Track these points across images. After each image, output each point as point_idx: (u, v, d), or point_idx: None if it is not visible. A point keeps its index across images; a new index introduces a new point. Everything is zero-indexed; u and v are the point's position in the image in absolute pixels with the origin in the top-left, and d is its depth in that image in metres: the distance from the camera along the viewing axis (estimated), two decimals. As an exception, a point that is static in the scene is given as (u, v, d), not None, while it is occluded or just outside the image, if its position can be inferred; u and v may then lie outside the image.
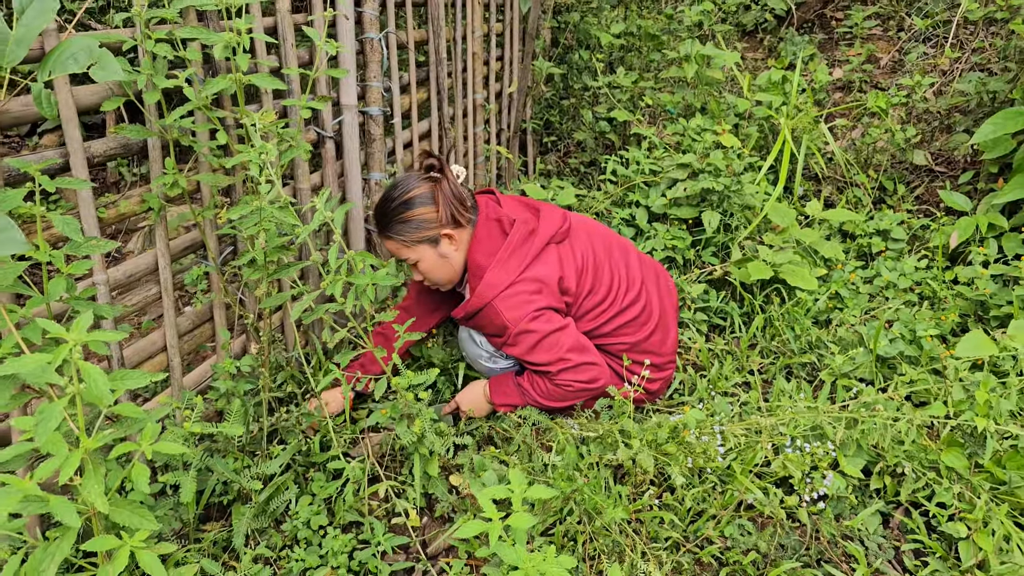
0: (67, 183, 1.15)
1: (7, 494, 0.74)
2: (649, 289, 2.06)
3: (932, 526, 1.73)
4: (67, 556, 0.81)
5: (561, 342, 1.84)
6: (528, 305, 1.82)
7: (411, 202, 1.81)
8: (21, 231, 0.73)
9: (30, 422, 0.77)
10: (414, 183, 1.83)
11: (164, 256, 1.68)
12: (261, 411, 1.85)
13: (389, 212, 1.83)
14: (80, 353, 0.76)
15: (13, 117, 1.25)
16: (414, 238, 1.83)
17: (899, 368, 2.11)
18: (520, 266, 1.84)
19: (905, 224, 2.95)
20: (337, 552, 1.61)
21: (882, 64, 4.33)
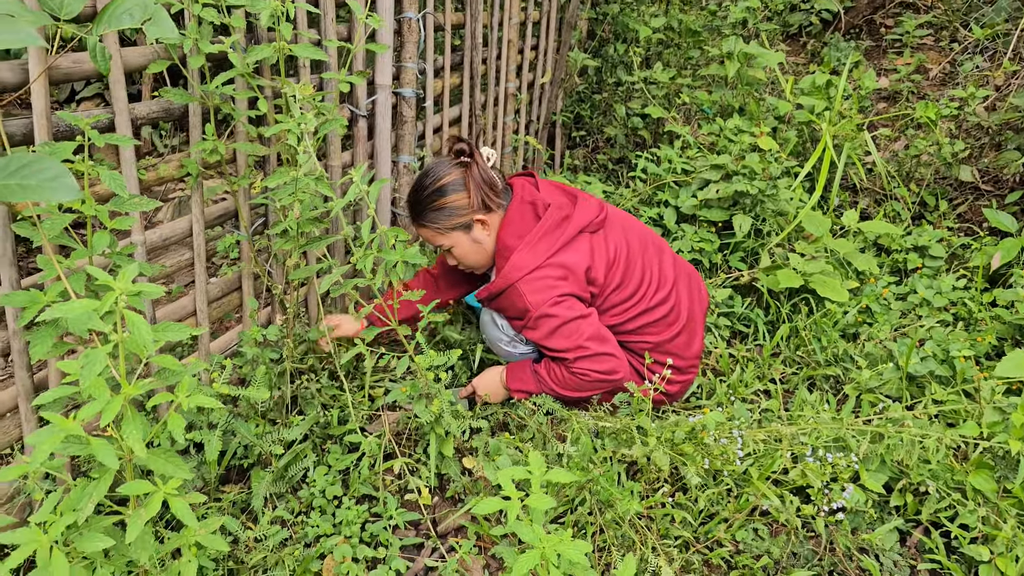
0: (113, 139, 1.17)
1: (51, 433, 0.76)
2: (680, 291, 2.04)
3: (952, 548, 1.70)
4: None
5: (581, 330, 1.84)
6: (551, 290, 1.82)
7: (443, 189, 1.83)
8: (75, 180, 0.75)
9: (75, 365, 0.79)
10: (445, 170, 1.84)
11: (199, 222, 1.71)
12: (283, 380, 1.87)
13: (422, 200, 1.85)
14: (125, 303, 0.77)
15: (63, 73, 1.28)
16: (447, 225, 1.85)
17: (929, 387, 2.07)
18: (549, 250, 1.84)
19: (945, 241, 2.89)
20: (351, 522, 1.64)
21: (932, 75, 4.24)
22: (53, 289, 1.04)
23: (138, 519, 0.81)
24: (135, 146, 1.40)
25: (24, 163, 0.75)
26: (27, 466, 0.76)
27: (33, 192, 0.73)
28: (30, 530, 0.79)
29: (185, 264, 1.75)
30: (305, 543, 1.61)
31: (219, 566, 1.48)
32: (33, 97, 1.18)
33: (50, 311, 0.78)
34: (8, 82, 1.16)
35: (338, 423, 1.91)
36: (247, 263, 1.91)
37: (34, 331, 1.12)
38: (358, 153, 2.27)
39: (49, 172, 0.74)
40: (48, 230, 1.01)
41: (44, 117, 1.20)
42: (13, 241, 1.19)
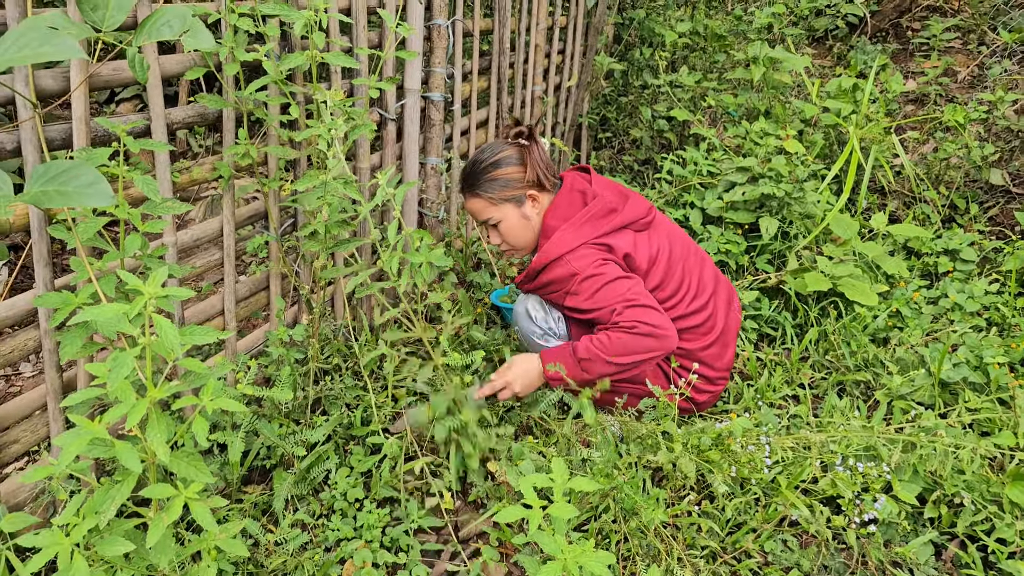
0: (148, 144, 1.18)
1: (76, 435, 0.77)
2: (718, 302, 2.01)
3: (989, 563, 1.64)
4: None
5: (627, 285, 1.79)
6: (595, 257, 1.81)
7: (500, 162, 1.87)
8: (110, 186, 0.76)
9: (103, 368, 0.80)
10: (503, 146, 1.89)
11: (229, 223, 1.72)
12: (307, 381, 1.88)
13: (479, 170, 1.88)
14: (154, 306, 0.78)
15: (103, 80, 1.29)
16: (500, 196, 1.87)
17: (962, 394, 2.02)
18: (592, 234, 1.83)
19: (976, 245, 2.83)
20: (372, 526, 1.63)
21: (960, 78, 4.16)
22: (85, 291, 1.05)
23: (159, 523, 0.81)
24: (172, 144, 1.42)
25: (62, 170, 0.76)
26: (53, 468, 0.76)
27: (70, 198, 0.73)
28: (52, 533, 0.79)
29: (215, 263, 1.76)
30: (325, 547, 1.61)
31: (239, 570, 1.48)
32: (73, 104, 1.20)
33: (81, 314, 0.79)
34: (50, 89, 1.17)
35: (361, 424, 1.91)
36: (275, 263, 1.92)
37: (65, 331, 1.13)
38: (386, 155, 2.27)
39: (85, 179, 0.74)
40: (82, 233, 1.02)
41: (83, 123, 1.21)
42: (48, 243, 1.21)
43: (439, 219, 2.58)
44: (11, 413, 1.33)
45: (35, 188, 0.75)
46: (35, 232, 1.20)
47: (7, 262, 2.55)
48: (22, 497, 1.35)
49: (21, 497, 1.35)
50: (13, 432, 1.33)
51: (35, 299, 1.10)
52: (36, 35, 0.69)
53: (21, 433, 1.34)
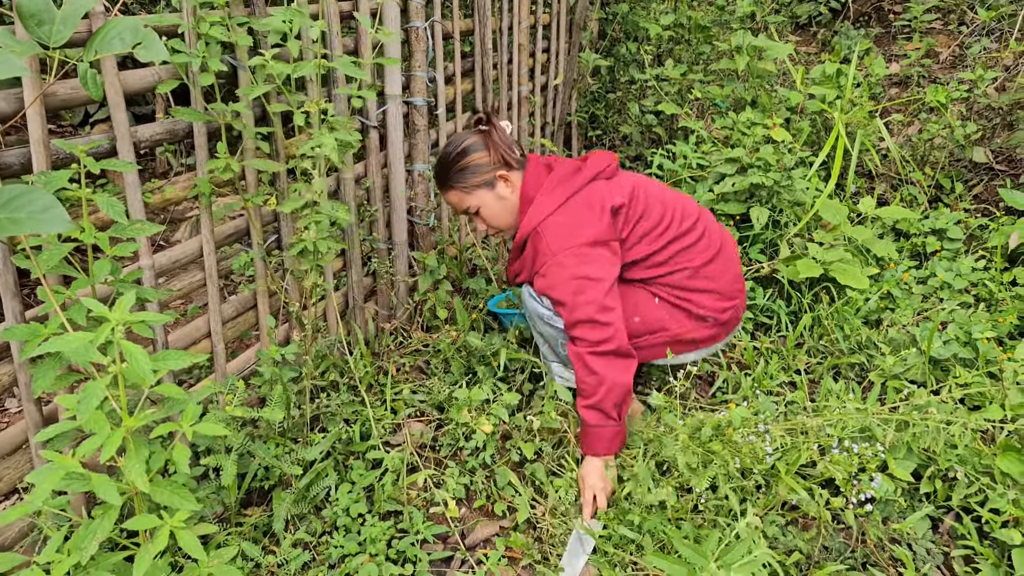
0: (113, 164, 1.16)
1: (51, 471, 0.75)
2: (708, 223, 1.99)
3: (984, 532, 1.65)
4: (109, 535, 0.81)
5: (586, 290, 1.76)
6: (572, 238, 1.80)
7: (465, 151, 1.91)
8: (65, 211, 0.73)
9: (73, 400, 0.78)
10: (465, 135, 1.94)
11: (209, 242, 1.70)
12: (303, 398, 1.86)
13: (448, 163, 1.92)
14: (123, 333, 0.76)
15: (61, 100, 1.27)
16: (472, 183, 1.91)
17: (953, 371, 2.02)
18: (566, 193, 1.85)
19: (962, 223, 2.84)
20: (376, 540, 1.61)
21: (941, 59, 4.17)
22: (55, 321, 1.03)
23: (145, 555, 0.79)
24: (151, 165, 1.40)
25: (14, 195, 0.74)
26: (27, 507, 0.74)
27: (24, 225, 0.71)
28: (32, 572, 0.77)
29: (198, 284, 1.74)
30: (329, 564, 1.59)
31: (242, 590, 1.46)
32: (30, 125, 1.18)
33: (46, 345, 0.77)
34: (2, 111, 1.15)
35: (360, 439, 1.89)
36: (262, 281, 1.90)
37: (38, 364, 1.11)
38: (371, 164, 2.25)
39: (39, 204, 0.72)
40: (46, 261, 1.00)
41: (41, 145, 1.19)
42: (15, 273, 1.19)
43: (430, 226, 2.56)
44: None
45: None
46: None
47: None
48: (9, 536, 1.33)
49: (8, 536, 1.33)
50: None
51: (3, 332, 1.08)
52: (-23, 59, 0.67)
53: (4, 471, 1.32)
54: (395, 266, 2.44)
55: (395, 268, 2.44)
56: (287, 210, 1.60)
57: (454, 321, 2.42)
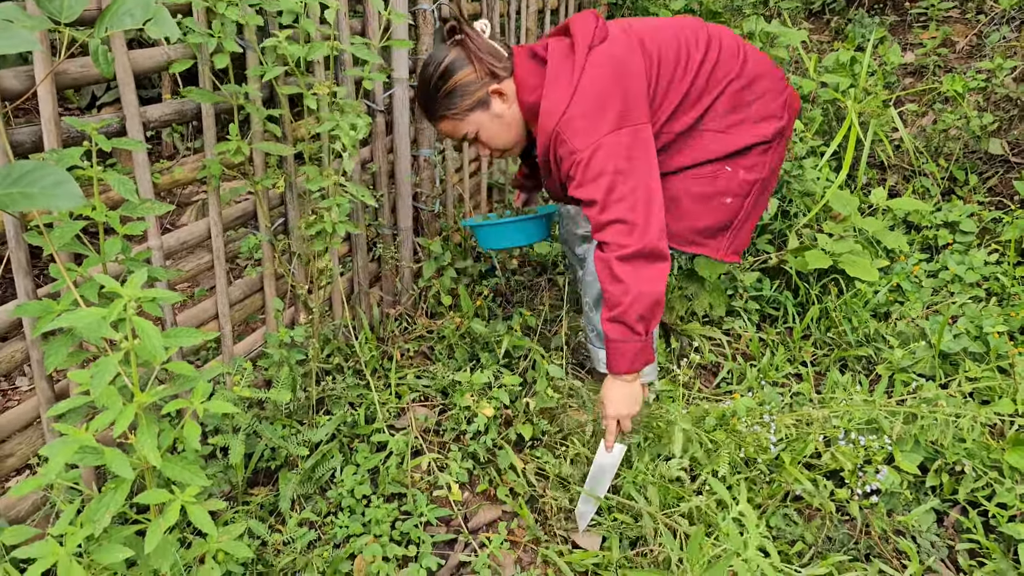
0: (122, 143, 1.17)
1: (64, 444, 0.75)
2: (742, 45, 1.77)
3: (991, 527, 1.65)
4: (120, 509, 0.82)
5: (618, 184, 1.55)
6: (595, 130, 1.56)
7: (447, 72, 1.65)
8: (78, 187, 0.74)
9: (86, 375, 0.78)
10: (442, 52, 1.67)
11: (217, 224, 1.70)
12: (309, 381, 1.87)
13: (430, 91, 1.68)
14: (135, 309, 0.76)
15: (71, 79, 1.27)
16: (464, 107, 1.67)
17: (963, 365, 2.01)
18: (570, 81, 1.60)
19: (976, 216, 2.81)
20: (380, 521, 1.63)
21: (958, 48, 4.11)
22: (67, 298, 1.04)
23: (157, 529, 0.80)
24: (157, 149, 1.40)
25: (26, 171, 0.74)
26: (41, 479, 0.75)
27: (36, 200, 0.72)
28: (47, 543, 0.78)
29: (205, 266, 1.74)
30: (334, 544, 1.61)
31: (247, 570, 1.48)
32: (40, 103, 1.18)
33: (59, 320, 0.77)
34: (15, 89, 1.15)
35: (365, 422, 1.90)
36: (269, 263, 1.90)
37: (50, 341, 1.12)
38: (377, 149, 2.25)
39: (51, 179, 0.73)
40: (58, 239, 1.00)
41: (52, 123, 1.19)
42: (27, 251, 1.20)
43: (435, 212, 2.55)
44: (5, 426, 1.32)
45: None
46: (11, 240, 1.18)
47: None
48: (22, 510, 1.35)
49: (21, 510, 1.35)
50: (8, 445, 1.33)
51: (15, 308, 1.08)
52: (-10, 32, 0.67)
53: (16, 446, 1.33)
54: (400, 252, 2.44)
55: (400, 254, 2.44)
56: (314, 187, 1.61)
57: (458, 308, 2.42)
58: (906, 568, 1.56)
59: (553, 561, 1.60)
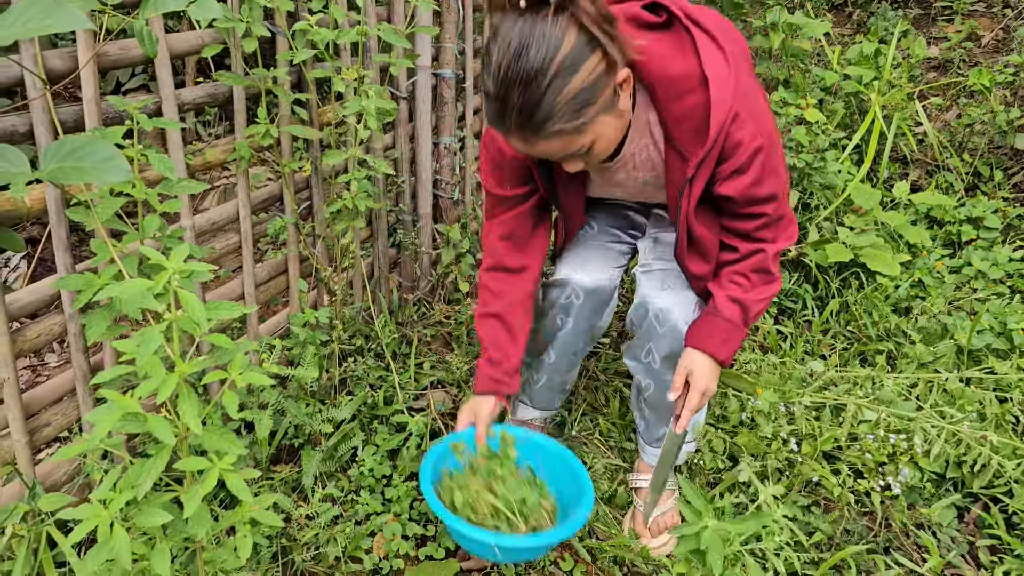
0: (161, 122, 1.19)
1: (110, 410, 0.78)
2: None
3: (1013, 524, 1.65)
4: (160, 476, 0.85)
5: (785, 176, 1.34)
6: (766, 115, 1.28)
7: (568, 64, 1.07)
8: (126, 161, 0.76)
9: (130, 344, 0.81)
10: (552, 31, 1.06)
11: (245, 206, 1.73)
12: (332, 362, 1.90)
13: (542, 95, 1.08)
14: (178, 281, 0.79)
15: (111, 60, 1.30)
16: (594, 111, 1.13)
17: (986, 361, 2.00)
18: (720, 47, 1.22)
19: (1000, 212, 2.79)
20: (400, 500, 1.66)
21: (984, 43, 4.07)
22: (107, 272, 1.06)
23: (195, 495, 0.82)
24: (181, 134, 1.43)
25: (77, 146, 0.77)
26: (87, 444, 0.78)
27: (87, 174, 0.74)
28: (91, 506, 0.81)
29: (232, 247, 1.77)
30: (355, 521, 1.64)
31: (272, 543, 1.51)
32: (83, 84, 1.21)
33: (105, 291, 0.80)
34: (58, 70, 1.18)
35: (385, 403, 1.92)
36: (294, 245, 1.93)
37: (89, 314, 1.15)
38: (399, 135, 2.27)
39: (101, 154, 0.75)
40: (102, 212, 1.03)
41: (94, 103, 1.22)
42: (68, 227, 1.22)
43: (454, 200, 2.57)
44: (41, 397, 1.35)
45: (51, 165, 0.75)
46: (53, 216, 1.21)
47: (25, 255, 2.58)
48: (57, 478, 1.38)
49: (57, 478, 1.38)
50: (44, 416, 1.36)
51: (57, 281, 1.11)
52: (39, 9, 0.69)
53: (52, 417, 1.37)
54: (419, 238, 2.46)
55: (419, 240, 2.46)
56: (330, 162, 1.63)
57: (475, 295, 2.44)
58: (925, 562, 1.57)
59: (571, 544, 1.62)
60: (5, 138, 1.15)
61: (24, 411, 1.29)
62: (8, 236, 1.79)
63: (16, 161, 0.77)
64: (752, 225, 1.35)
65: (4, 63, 1.09)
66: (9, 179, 0.76)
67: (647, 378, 1.53)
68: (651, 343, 1.47)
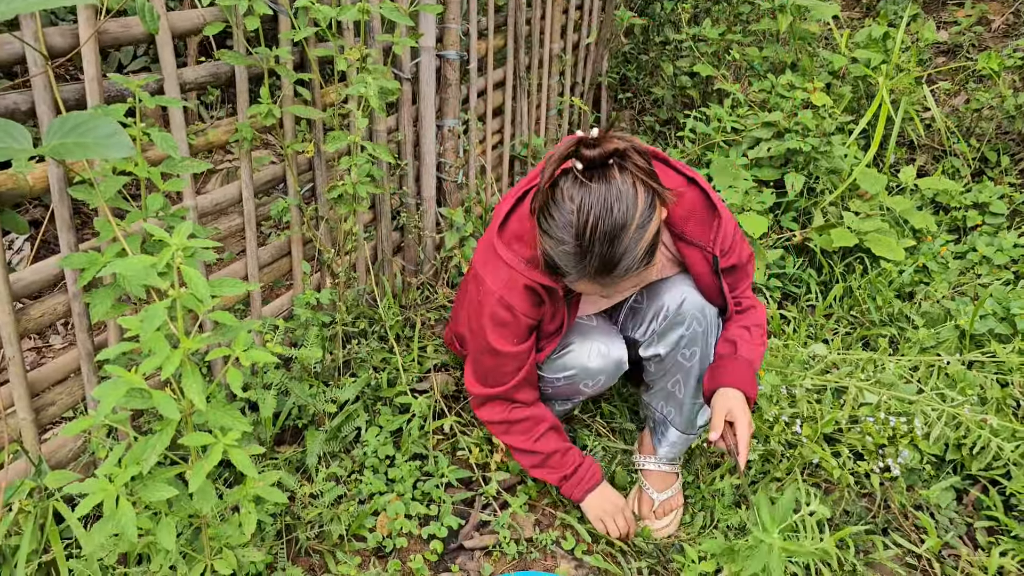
0: (163, 100, 1.19)
1: (115, 386, 0.78)
2: None
3: (1011, 505, 1.66)
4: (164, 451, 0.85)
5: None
6: None
7: (644, 221, 1.23)
8: (129, 137, 0.76)
9: (135, 321, 0.81)
10: (627, 189, 1.21)
11: (248, 187, 1.73)
12: (335, 344, 1.90)
13: (627, 249, 1.23)
14: (181, 258, 0.79)
15: (112, 38, 1.29)
16: (653, 252, 1.30)
17: (988, 346, 2.00)
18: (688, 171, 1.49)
19: (1007, 198, 2.77)
20: (403, 479, 1.67)
21: (994, 27, 4.02)
22: (110, 250, 1.06)
23: (200, 470, 0.83)
24: (183, 114, 1.42)
25: (79, 122, 0.77)
26: (93, 419, 0.78)
27: (89, 150, 0.74)
28: (97, 480, 0.82)
29: (236, 228, 1.77)
30: (359, 500, 1.65)
31: (276, 521, 1.52)
32: (84, 62, 1.20)
33: (109, 267, 0.80)
34: (59, 47, 1.17)
35: (388, 385, 1.93)
36: (297, 227, 1.93)
37: (93, 292, 1.15)
38: (402, 117, 2.26)
39: (104, 130, 0.75)
40: (103, 192, 1.03)
41: (95, 81, 1.21)
42: (70, 206, 1.22)
43: (458, 183, 2.56)
44: (46, 376, 1.36)
45: (53, 141, 0.75)
46: (55, 195, 1.21)
47: (28, 237, 2.59)
48: (63, 456, 1.40)
49: (62, 456, 1.39)
50: (49, 395, 1.37)
51: (61, 260, 1.11)
52: (45, -16, 0.69)
53: (57, 396, 1.38)
54: (423, 221, 2.46)
55: (423, 223, 2.46)
56: (331, 148, 1.62)
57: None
58: (923, 543, 1.57)
59: (572, 524, 1.64)
60: (7, 116, 1.15)
61: (29, 390, 1.30)
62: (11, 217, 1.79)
63: (19, 137, 0.77)
64: (744, 286, 1.57)
65: (6, 39, 1.09)
66: (12, 155, 0.76)
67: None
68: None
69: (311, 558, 1.53)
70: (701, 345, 1.51)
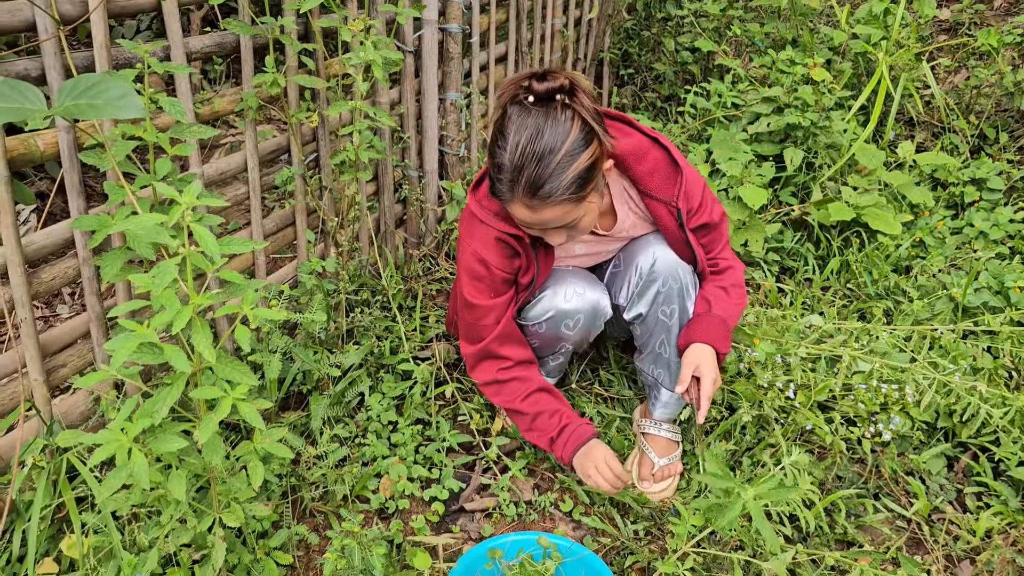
0: (171, 67, 1.21)
1: (127, 340, 0.81)
2: None
3: (1000, 471, 1.70)
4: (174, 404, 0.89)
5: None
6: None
7: (574, 150, 1.32)
8: (140, 98, 0.78)
9: (146, 278, 0.84)
10: (561, 124, 1.32)
11: (253, 156, 1.75)
12: (339, 313, 1.94)
13: (553, 172, 1.32)
14: (191, 216, 0.81)
15: (120, 7, 1.31)
16: (589, 189, 1.37)
17: (982, 320, 2.03)
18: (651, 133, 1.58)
19: (1004, 174, 2.79)
20: (405, 443, 1.71)
21: (996, 5, 4.00)
22: (120, 213, 1.09)
23: (209, 423, 0.86)
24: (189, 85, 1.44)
25: (92, 83, 0.79)
26: (105, 372, 0.81)
27: (102, 110, 0.76)
28: (110, 432, 0.85)
29: (241, 197, 1.80)
30: (362, 462, 1.69)
31: (282, 481, 1.56)
32: (93, 30, 1.22)
33: (119, 225, 0.82)
34: (69, 15, 1.19)
35: (391, 353, 1.97)
36: (301, 197, 1.95)
37: (103, 256, 1.18)
38: (405, 90, 2.27)
39: (116, 91, 0.77)
40: (116, 153, 1.05)
41: (104, 48, 1.23)
42: (80, 171, 1.25)
43: (460, 157, 2.58)
44: (57, 338, 1.40)
45: (66, 102, 0.78)
46: (66, 161, 1.24)
47: (34, 208, 2.61)
48: (74, 418, 1.43)
49: (73, 418, 1.43)
50: (60, 357, 1.41)
51: (72, 222, 1.14)
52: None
53: (67, 358, 1.41)
54: (425, 194, 2.48)
55: (425, 196, 2.48)
56: (333, 113, 1.65)
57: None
58: (912, 507, 1.62)
59: (570, 487, 1.68)
60: (18, 82, 1.17)
61: (41, 351, 1.33)
62: (18, 188, 1.82)
63: (32, 97, 0.79)
64: (719, 247, 1.65)
65: (18, 5, 1.10)
66: (26, 115, 0.78)
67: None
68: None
69: (315, 518, 1.58)
70: (679, 303, 1.59)
